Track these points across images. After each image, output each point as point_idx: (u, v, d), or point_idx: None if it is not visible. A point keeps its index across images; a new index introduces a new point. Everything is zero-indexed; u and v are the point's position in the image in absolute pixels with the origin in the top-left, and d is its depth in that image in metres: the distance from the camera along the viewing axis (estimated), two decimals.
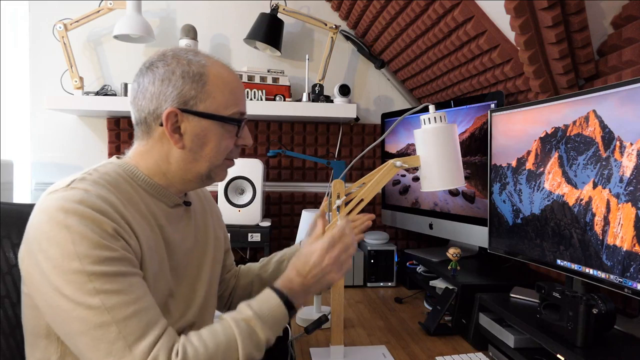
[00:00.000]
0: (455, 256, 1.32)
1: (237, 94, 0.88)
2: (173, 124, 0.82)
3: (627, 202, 0.86)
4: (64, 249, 0.69)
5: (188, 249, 0.92)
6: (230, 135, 0.87)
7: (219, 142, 0.86)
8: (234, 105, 0.86)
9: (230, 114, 0.85)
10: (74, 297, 0.68)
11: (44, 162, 1.92)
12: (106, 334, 0.68)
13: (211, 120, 0.84)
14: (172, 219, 0.89)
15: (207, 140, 0.85)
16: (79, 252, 0.69)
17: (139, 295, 0.72)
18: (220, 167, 0.89)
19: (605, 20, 1.11)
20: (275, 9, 1.84)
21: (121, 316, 0.69)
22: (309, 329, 1.14)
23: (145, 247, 0.79)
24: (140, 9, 1.76)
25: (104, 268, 0.69)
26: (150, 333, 0.71)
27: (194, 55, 0.85)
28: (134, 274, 0.74)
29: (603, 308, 0.85)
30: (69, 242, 0.69)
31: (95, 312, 0.68)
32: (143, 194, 0.84)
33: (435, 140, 1.03)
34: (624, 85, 0.88)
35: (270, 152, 1.84)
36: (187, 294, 0.90)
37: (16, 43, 1.92)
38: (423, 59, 1.70)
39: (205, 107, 0.83)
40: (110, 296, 0.69)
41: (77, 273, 0.68)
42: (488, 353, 1.12)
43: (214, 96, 0.84)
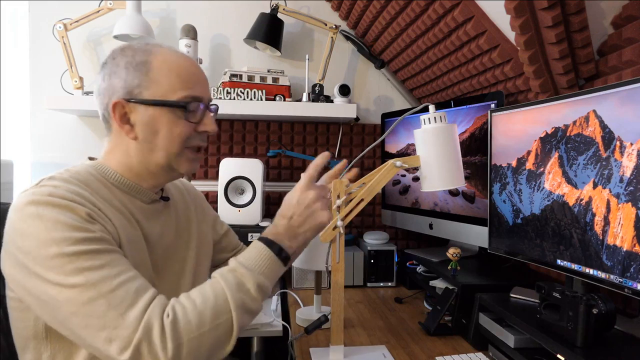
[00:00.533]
0: (455, 256, 1.32)
1: (186, 77, 0.85)
2: (122, 115, 0.83)
3: (627, 202, 0.86)
4: (39, 238, 0.69)
5: (169, 244, 0.92)
6: (182, 121, 0.85)
7: (171, 129, 0.84)
8: (182, 89, 0.84)
9: (178, 99, 0.83)
10: (58, 281, 0.68)
11: (44, 162, 1.92)
12: (96, 309, 0.68)
13: (158, 107, 0.83)
14: (150, 215, 0.89)
15: (157, 128, 0.84)
16: (55, 237, 0.69)
17: (122, 268, 0.72)
18: (180, 157, 0.87)
19: (605, 20, 1.11)
20: (275, 9, 1.84)
21: (107, 289, 0.69)
22: (309, 329, 1.14)
23: (124, 238, 0.78)
24: (140, 9, 1.76)
25: (83, 247, 0.70)
26: (141, 300, 0.71)
27: (141, 46, 0.86)
28: (115, 251, 0.74)
29: (603, 308, 0.85)
30: (43, 230, 0.69)
31: (81, 290, 0.68)
32: (116, 191, 0.85)
33: (435, 140, 1.03)
34: (624, 85, 0.88)
35: (270, 152, 1.84)
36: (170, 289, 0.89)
37: (16, 43, 1.92)
38: (423, 59, 1.69)
39: (150, 94, 0.83)
40: (93, 272, 0.69)
41: (56, 257, 0.68)
42: (488, 353, 1.12)
43: (159, 82, 0.83)
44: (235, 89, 1.75)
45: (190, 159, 0.89)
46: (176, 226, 0.96)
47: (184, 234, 0.99)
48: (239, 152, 1.98)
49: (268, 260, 0.84)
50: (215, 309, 0.75)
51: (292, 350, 1.17)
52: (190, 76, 0.86)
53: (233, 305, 0.76)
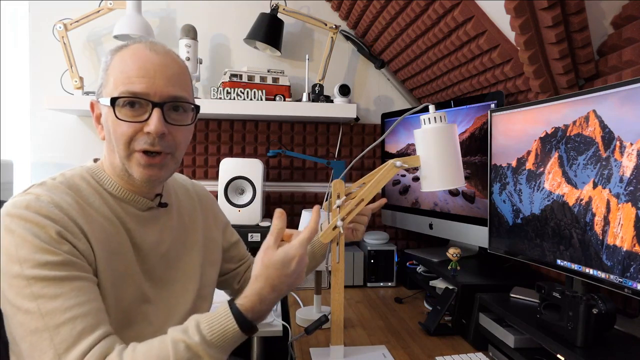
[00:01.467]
0: (455, 256, 1.32)
1: (131, 72, 0.78)
2: (97, 115, 0.84)
3: (627, 202, 0.86)
4: (7, 253, 0.69)
5: (167, 252, 0.90)
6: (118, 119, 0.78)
7: (115, 129, 0.80)
8: (122, 84, 0.78)
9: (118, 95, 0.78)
10: (14, 302, 0.68)
11: (44, 162, 1.92)
12: (39, 341, 0.67)
13: (107, 106, 0.80)
14: (145, 222, 0.87)
15: (108, 128, 0.81)
16: (20, 256, 0.68)
17: (79, 301, 0.69)
18: (130, 161, 0.81)
19: (605, 20, 1.11)
20: (275, 9, 1.84)
21: (54, 323, 0.67)
22: (309, 329, 1.14)
23: (103, 251, 0.76)
24: (140, 9, 1.76)
25: (44, 272, 0.68)
26: (83, 342, 0.67)
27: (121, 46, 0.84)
28: (78, 278, 0.71)
29: (603, 308, 0.85)
30: (12, 245, 0.69)
31: (32, 317, 0.67)
32: (109, 198, 0.83)
33: (435, 140, 1.03)
34: (624, 85, 0.88)
35: (270, 152, 1.84)
36: (170, 299, 0.88)
37: (16, 43, 1.92)
38: (423, 59, 1.69)
39: (105, 93, 0.81)
40: (47, 301, 0.68)
41: (17, 277, 0.68)
42: (488, 353, 1.12)
43: (110, 80, 0.81)
44: (235, 89, 1.75)
45: (141, 163, 0.80)
46: (177, 232, 0.94)
47: (188, 240, 0.96)
48: (239, 152, 1.98)
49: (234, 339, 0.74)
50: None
51: (292, 350, 1.17)
52: (137, 70, 0.78)
53: None
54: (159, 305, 0.85)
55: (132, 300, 0.80)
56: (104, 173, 0.85)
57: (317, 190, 2.02)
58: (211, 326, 0.72)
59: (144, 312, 0.82)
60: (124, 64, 0.80)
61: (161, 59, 0.81)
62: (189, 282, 0.93)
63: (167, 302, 0.87)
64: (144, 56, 0.80)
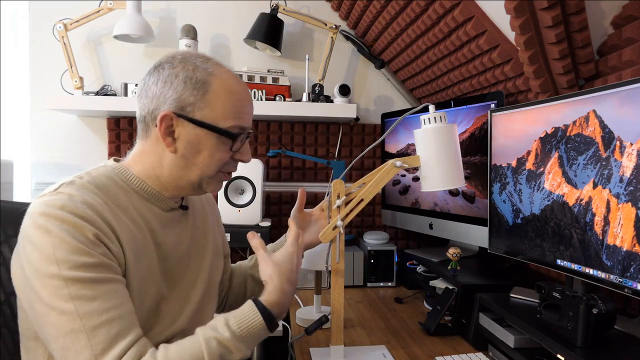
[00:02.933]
0: (455, 256, 1.32)
1: (240, 107, 0.86)
2: (167, 127, 0.82)
3: (627, 202, 0.86)
4: (43, 253, 0.69)
5: (183, 253, 0.91)
6: (226, 148, 0.85)
7: (213, 153, 0.84)
8: (233, 118, 0.84)
9: (228, 127, 0.83)
10: (50, 301, 0.69)
11: (44, 162, 1.92)
12: (75, 342, 0.68)
13: (206, 130, 0.82)
14: (166, 223, 0.88)
15: (200, 149, 0.83)
16: (58, 256, 0.69)
17: (114, 303, 0.71)
18: (213, 179, 0.87)
19: (605, 20, 1.11)
20: (275, 9, 1.84)
21: (91, 324, 0.68)
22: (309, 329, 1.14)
23: (131, 253, 0.77)
24: (140, 9, 1.76)
25: (81, 274, 0.69)
26: (118, 344, 0.69)
27: (203, 62, 0.84)
28: (112, 280, 0.73)
29: (603, 308, 0.85)
30: (49, 246, 0.69)
31: (68, 318, 0.68)
32: (135, 197, 0.84)
33: (435, 140, 1.03)
34: (624, 85, 0.88)
35: (270, 152, 1.84)
36: (181, 298, 0.89)
37: (16, 43, 1.92)
38: (423, 59, 1.69)
39: (202, 116, 0.82)
40: (84, 303, 0.69)
41: (54, 277, 0.69)
42: (488, 353, 1.12)
43: (214, 106, 0.82)
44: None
45: (220, 180, 0.89)
46: (192, 235, 0.95)
47: (201, 243, 0.97)
48: None
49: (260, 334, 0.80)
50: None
51: (292, 351, 1.17)
52: (244, 107, 0.87)
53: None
54: (172, 302, 0.87)
55: (152, 299, 0.82)
56: (130, 172, 0.85)
57: (317, 190, 2.02)
58: (239, 322, 0.77)
59: (160, 310, 0.84)
60: (234, 96, 0.84)
61: (249, 94, 0.91)
62: (199, 282, 0.94)
63: (180, 300, 0.89)
64: (244, 90, 0.88)
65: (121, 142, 1.92)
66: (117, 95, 1.82)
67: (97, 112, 1.83)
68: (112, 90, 1.83)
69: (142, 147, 0.87)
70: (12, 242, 1.00)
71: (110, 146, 1.92)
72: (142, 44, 1.90)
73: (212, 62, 0.85)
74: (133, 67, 1.93)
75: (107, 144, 1.92)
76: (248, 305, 0.80)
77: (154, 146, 0.85)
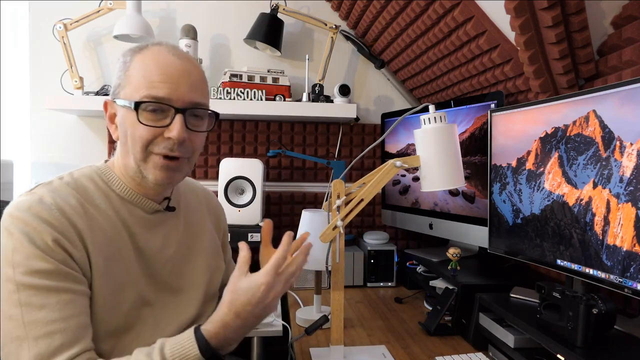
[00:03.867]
0: (455, 256, 1.32)
1: (154, 76, 0.78)
2: (110, 115, 0.83)
3: (627, 202, 0.86)
4: (4, 255, 0.69)
5: (171, 257, 0.89)
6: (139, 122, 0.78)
7: (133, 131, 0.79)
8: (145, 88, 0.78)
9: (139, 99, 0.78)
10: (2, 305, 0.68)
11: (44, 162, 1.92)
12: (18, 349, 0.67)
13: (126, 108, 0.79)
14: (150, 226, 0.86)
15: (125, 129, 0.80)
16: (15, 260, 0.69)
17: (63, 315, 0.69)
18: (147, 162, 0.81)
19: (605, 20, 1.11)
20: (275, 9, 1.84)
21: (35, 334, 0.67)
22: (309, 330, 1.14)
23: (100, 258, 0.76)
24: (140, 9, 1.76)
25: (34, 280, 0.68)
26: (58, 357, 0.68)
27: (141, 44, 0.83)
28: (67, 290, 0.71)
29: (603, 308, 0.85)
30: (10, 249, 0.69)
31: (14, 324, 0.68)
32: (116, 200, 0.83)
33: (435, 140, 1.03)
34: (624, 85, 0.88)
35: (270, 152, 1.84)
36: (172, 302, 0.87)
37: (16, 43, 1.92)
38: (423, 59, 1.69)
39: (124, 94, 0.80)
40: (32, 311, 0.68)
41: (8, 281, 0.68)
42: (488, 353, 1.12)
43: (130, 81, 0.80)
44: (235, 89, 1.75)
45: (158, 165, 0.80)
46: (183, 238, 0.92)
47: (195, 245, 0.94)
48: (239, 152, 1.98)
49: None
50: None
51: (292, 351, 1.17)
52: (160, 75, 0.78)
53: None
54: (163, 309, 0.85)
55: (131, 304, 0.80)
56: (112, 174, 0.85)
57: (317, 190, 2.02)
58: (173, 350, 0.72)
59: (143, 315, 0.82)
60: (146, 67, 0.79)
61: (184, 65, 0.81)
62: (196, 288, 0.92)
63: (173, 307, 0.87)
64: (167, 60, 0.79)
65: None
66: None
67: (97, 112, 1.82)
68: None
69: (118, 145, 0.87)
70: None
71: (110, 146, 1.92)
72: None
73: (152, 42, 0.83)
74: None
75: (107, 144, 1.92)
76: (187, 333, 0.75)
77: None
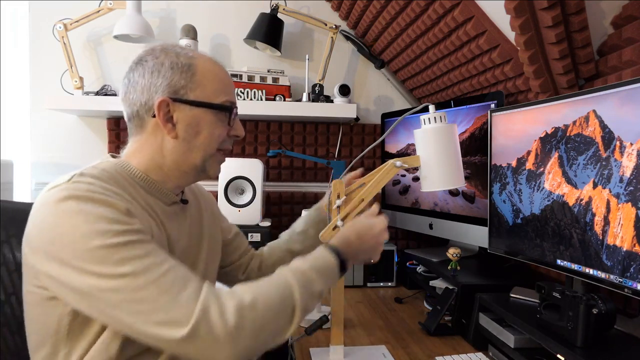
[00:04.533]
0: (455, 256, 1.32)
1: (226, 83, 0.89)
2: (165, 113, 0.83)
3: (627, 202, 0.86)
4: (80, 231, 0.69)
5: (184, 247, 0.92)
6: (223, 124, 0.88)
7: (212, 131, 0.86)
8: (223, 93, 0.87)
9: (221, 102, 0.86)
10: (104, 272, 0.68)
11: (44, 162, 1.92)
12: (146, 294, 0.68)
13: (203, 109, 0.85)
14: (170, 217, 0.89)
15: (199, 129, 0.85)
16: (98, 229, 0.69)
17: (165, 257, 0.73)
18: (213, 159, 0.89)
19: (605, 20, 1.11)
20: (275, 9, 1.84)
21: (156, 275, 0.69)
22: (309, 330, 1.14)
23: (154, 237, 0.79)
24: (140, 9, 1.76)
25: (127, 238, 0.70)
26: (191, 283, 0.71)
27: (181, 49, 0.87)
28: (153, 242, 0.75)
29: (603, 308, 0.85)
30: (83, 223, 0.69)
31: (130, 278, 0.68)
32: (140, 190, 0.84)
33: (435, 140, 1.03)
34: (624, 85, 0.88)
35: (270, 152, 1.84)
36: None
37: (16, 43, 1.92)
38: (423, 59, 1.69)
39: (196, 96, 0.84)
40: (139, 260, 0.69)
41: (100, 249, 0.68)
42: (488, 353, 1.12)
43: (204, 85, 0.85)
44: (235, 89, 1.75)
45: (220, 160, 0.92)
46: (190, 229, 0.96)
47: (196, 238, 0.98)
48: (239, 152, 1.98)
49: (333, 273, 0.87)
50: (283, 301, 0.76)
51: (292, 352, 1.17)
52: (228, 83, 0.90)
53: (299, 302, 0.77)
54: None
55: None
56: (133, 167, 0.86)
57: (317, 190, 2.03)
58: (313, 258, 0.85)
59: None
60: (216, 73, 0.87)
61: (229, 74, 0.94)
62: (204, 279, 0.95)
63: None
64: (224, 69, 0.91)
65: (121, 142, 1.92)
66: (117, 95, 1.81)
67: (97, 112, 1.83)
68: (112, 90, 1.83)
69: (138, 142, 0.87)
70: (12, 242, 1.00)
71: (110, 146, 1.92)
72: (142, 44, 1.90)
73: (188, 49, 0.89)
74: None
75: (107, 144, 1.93)
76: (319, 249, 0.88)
77: (151, 138, 0.86)
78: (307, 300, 0.79)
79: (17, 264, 0.99)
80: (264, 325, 0.72)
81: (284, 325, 0.76)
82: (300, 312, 0.77)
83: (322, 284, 0.82)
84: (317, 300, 0.83)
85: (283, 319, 0.76)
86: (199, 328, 0.67)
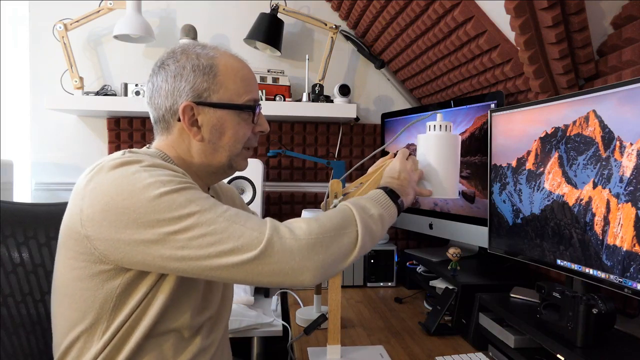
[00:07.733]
0: (455, 256, 1.32)
1: (249, 81, 0.89)
2: (190, 117, 0.84)
3: (627, 202, 0.86)
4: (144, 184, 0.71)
5: None
6: (247, 122, 0.89)
7: (237, 131, 0.87)
8: (246, 92, 0.88)
9: (244, 102, 0.87)
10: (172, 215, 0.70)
11: (44, 162, 1.92)
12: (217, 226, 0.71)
13: (226, 110, 0.86)
14: None
15: (224, 130, 0.86)
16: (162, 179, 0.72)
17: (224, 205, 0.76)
18: (240, 156, 0.91)
19: (605, 20, 1.11)
20: (275, 9, 1.84)
21: (221, 210, 0.73)
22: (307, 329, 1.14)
23: None
24: (140, 9, 1.76)
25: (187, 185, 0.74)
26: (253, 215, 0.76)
27: (202, 49, 0.87)
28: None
29: (603, 308, 0.85)
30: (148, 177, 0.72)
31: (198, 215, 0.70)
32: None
33: (437, 148, 1.03)
34: (624, 85, 0.88)
35: (270, 152, 1.83)
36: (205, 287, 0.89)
37: (16, 43, 1.92)
38: (423, 59, 1.69)
39: (218, 98, 0.85)
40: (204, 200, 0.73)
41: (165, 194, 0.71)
42: (488, 353, 1.12)
43: (226, 86, 0.86)
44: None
45: (245, 158, 0.93)
46: None
47: None
48: None
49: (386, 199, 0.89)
50: (344, 219, 0.79)
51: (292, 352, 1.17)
52: (251, 80, 0.90)
53: (359, 220, 0.80)
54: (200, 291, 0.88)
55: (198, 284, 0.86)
56: (170, 157, 0.87)
57: (317, 190, 2.03)
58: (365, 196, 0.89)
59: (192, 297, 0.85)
60: (240, 73, 0.88)
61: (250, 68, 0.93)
62: None
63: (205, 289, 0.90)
64: (247, 65, 0.91)
65: (121, 142, 1.92)
66: (117, 95, 1.82)
67: (97, 112, 1.83)
68: (112, 90, 1.83)
69: (166, 140, 0.88)
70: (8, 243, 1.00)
71: (110, 146, 1.92)
72: (142, 44, 1.90)
73: (210, 47, 0.89)
74: (133, 67, 1.94)
75: (107, 144, 1.92)
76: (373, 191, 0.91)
77: (178, 140, 0.87)
78: (366, 221, 0.81)
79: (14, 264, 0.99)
80: (332, 240, 0.75)
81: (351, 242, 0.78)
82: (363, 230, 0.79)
83: (378, 209, 0.85)
84: (379, 224, 0.84)
85: (348, 237, 0.78)
86: (272, 244, 0.70)
